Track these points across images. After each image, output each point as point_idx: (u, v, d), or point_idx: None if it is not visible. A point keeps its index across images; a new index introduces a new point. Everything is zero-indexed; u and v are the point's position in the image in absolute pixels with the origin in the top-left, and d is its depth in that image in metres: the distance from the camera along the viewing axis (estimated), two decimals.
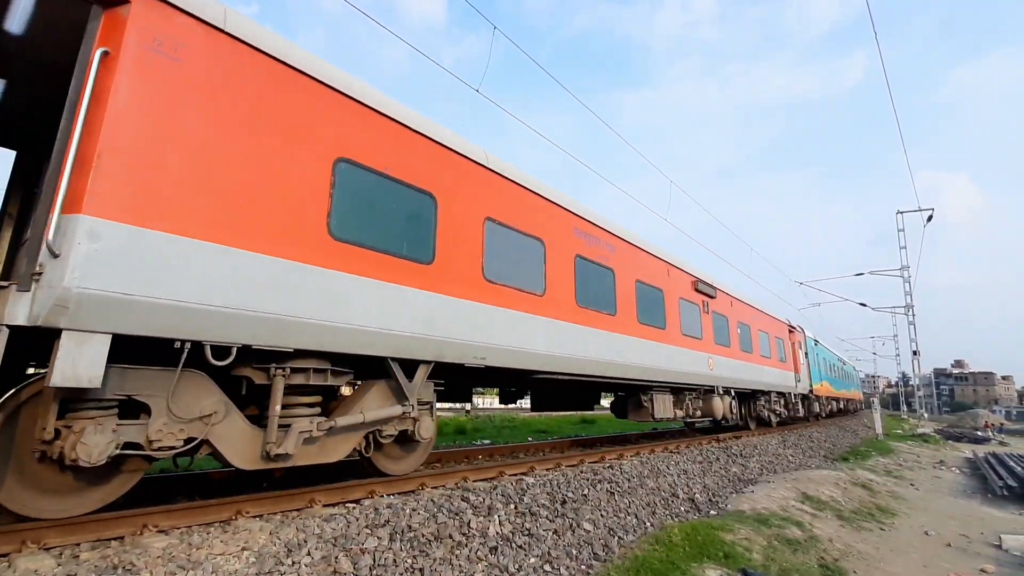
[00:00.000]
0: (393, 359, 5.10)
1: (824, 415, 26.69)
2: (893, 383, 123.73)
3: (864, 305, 35.36)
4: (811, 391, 21.96)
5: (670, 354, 10.50)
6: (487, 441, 13.28)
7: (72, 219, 3.22)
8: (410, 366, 5.42)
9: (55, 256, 3.14)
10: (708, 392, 12.40)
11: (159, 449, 3.75)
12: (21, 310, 3.07)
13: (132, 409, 3.72)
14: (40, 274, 3.12)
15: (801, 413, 20.44)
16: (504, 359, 6.31)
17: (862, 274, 32.95)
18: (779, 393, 17.96)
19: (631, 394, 10.52)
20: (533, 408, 10.28)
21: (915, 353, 29.54)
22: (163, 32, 3.73)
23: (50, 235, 3.13)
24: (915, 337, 29.74)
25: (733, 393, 13.91)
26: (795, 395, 19.65)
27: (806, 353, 22.01)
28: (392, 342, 5.05)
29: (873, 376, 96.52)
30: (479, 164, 6.50)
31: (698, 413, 12.07)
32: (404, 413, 5.34)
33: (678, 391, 11.45)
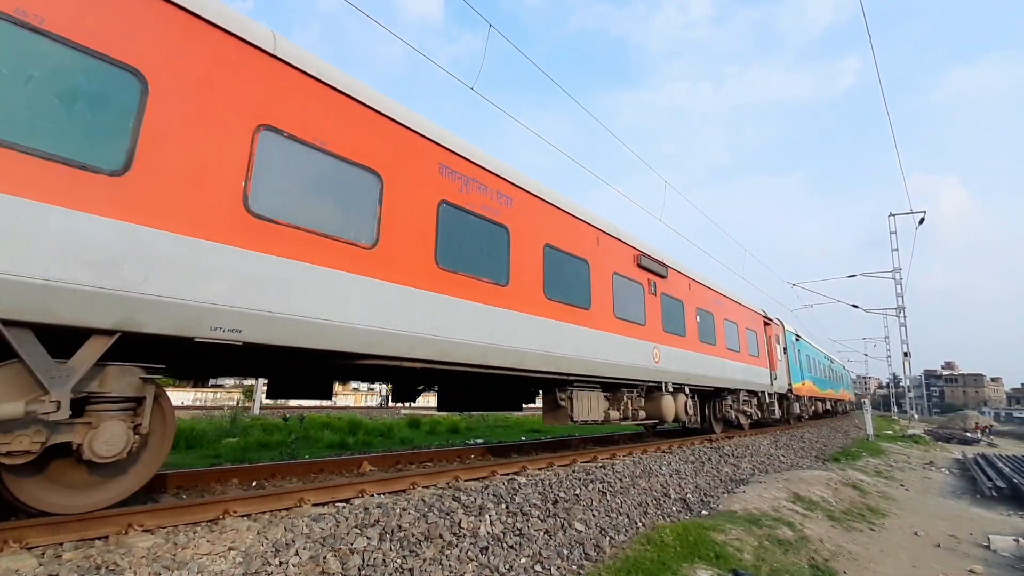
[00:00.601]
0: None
1: (807, 416, 24.69)
2: (884, 384, 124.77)
3: (856, 307, 35.60)
4: (790, 390, 20.06)
5: (596, 341, 8.44)
6: (479, 440, 13.25)
7: None
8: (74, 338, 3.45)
9: None
10: (655, 389, 10.37)
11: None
12: None
13: None
14: None
15: (777, 414, 18.35)
16: (285, 333, 4.33)
17: (854, 276, 33.19)
18: (750, 392, 15.97)
19: (548, 391, 8.40)
20: (440, 407, 8.62)
21: (906, 355, 29.76)
22: None
23: None
24: (906, 339, 29.95)
25: (688, 391, 11.91)
26: (770, 394, 17.72)
27: (785, 348, 20.02)
28: None
29: (864, 377, 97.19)
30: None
31: (641, 414, 10.00)
32: (32, 414, 3.21)
33: (613, 387, 9.39)
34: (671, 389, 10.76)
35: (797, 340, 22.77)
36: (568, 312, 7.93)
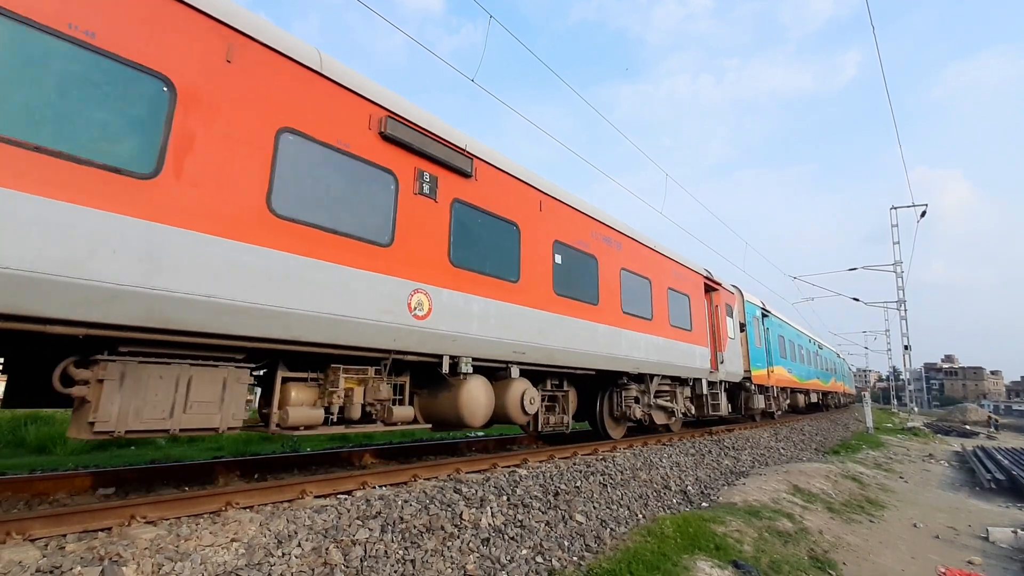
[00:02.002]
0: None
1: (780, 412, 19.58)
2: (884, 377, 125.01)
3: (857, 300, 35.55)
4: (748, 378, 15.15)
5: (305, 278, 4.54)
6: (480, 434, 13.29)
7: None
8: None
9: None
10: (434, 367, 5.94)
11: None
12: None
13: None
14: None
15: (725, 410, 12.85)
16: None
17: (855, 269, 33.12)
18: (674, 379, 11.09)
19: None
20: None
21: (906, 348, 29.77)
22: None
23: None
24: (906, 332, 29.95)
25: (552, 380, 8.06)
26: (712, 383, 12.62)
27: (742, 325, 15.34)
28: None
29: (864, 370, 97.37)
30: None
31: (401, 413, 5.45)
32: None
33: (314, 361, 5.07)
34: (516, 374, 6.81)
35: (765, 317, 17.90)
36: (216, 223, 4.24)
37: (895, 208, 30.72)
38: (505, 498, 5.20)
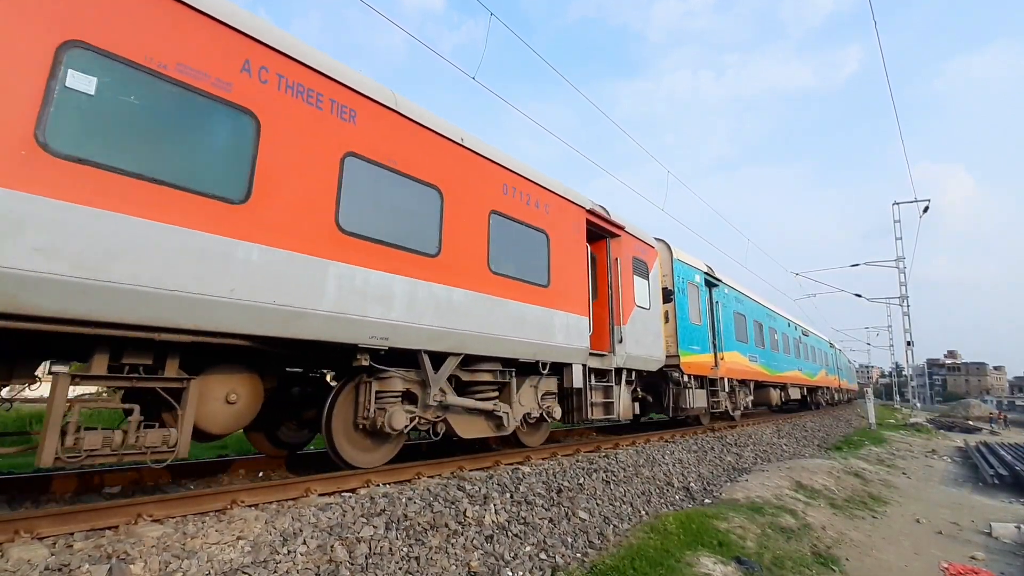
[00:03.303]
0: None
1: (740, 411, 14.95)
2: (887, 373, 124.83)
3: (859, 296, 35.50)
4: (678, 367, 11.01)
5: None
6: None
7: None
8: None
9: None
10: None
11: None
12: None
13: None
14: None
15: (622, 411, 8.85)
16: None
17: (857, 265, 33.04)
18: (506, 363, 6.96)
19: None
20: None
21: (909, 344, 29.72)
22: None
23: None
24: (909, 328, 29.90)
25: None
26: (612, 371, 8.73)
27: (668, 291, 11.22)
28: None
29: (867, 366, 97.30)
30: None
31: None
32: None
33: None
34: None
35: (713, 286, 13.65)
36: None
37: (897, 204, 30.64)
38: (508, 495, 5.22)
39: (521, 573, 4.17)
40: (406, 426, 5.64)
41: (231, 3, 4.35)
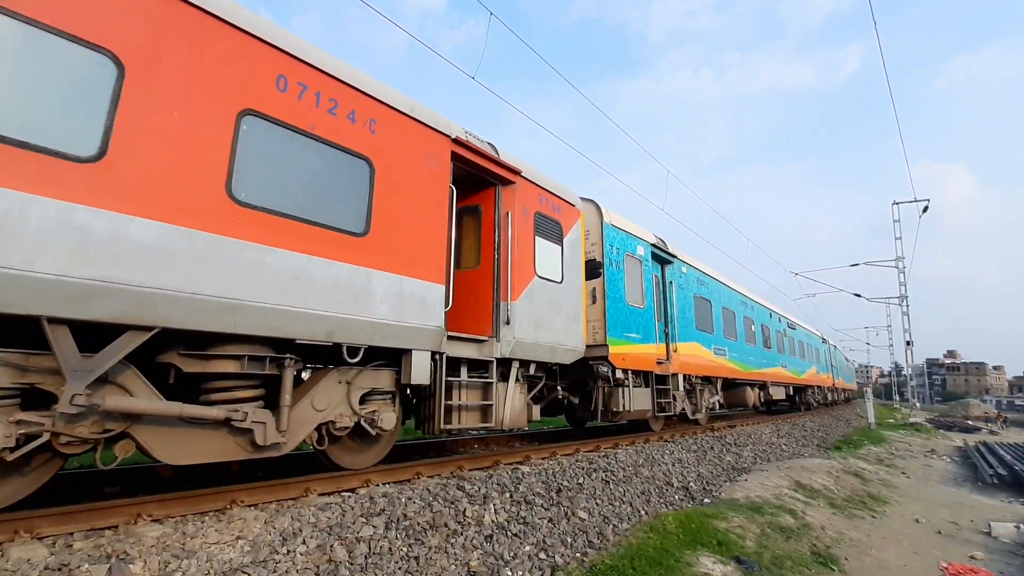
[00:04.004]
0: None
1: (703, 413, 12.51)
2: (886, 373, 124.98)
3: (859, 295, 35.54)
4: (606, 358, 8.62)
5: None
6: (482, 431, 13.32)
7: None
8: None
9: None
10: None
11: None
12: None
13: None
14: None
15: (504, 418, 6.57)
16: None
17: (857, 265, 33.07)
18: (290, 348, 4.60)
19: None
20: None
21: (908, 343, 29.75)
22: None
23: None
24: (908, 327, 29.92)
25: None
26: (492, 362, 6.45)
27: (595, 264, 9.05)
28: None
29: (867, 366, 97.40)
30: None
31: None
32: None
33: None
34: None
35: (666, 263, 11.25)
36: None
37: (896, 204, 30.66)
38: (508, 495, 5.22)
39: (521, 573, 4.18)
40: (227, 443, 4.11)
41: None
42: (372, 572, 3.61)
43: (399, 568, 3.75)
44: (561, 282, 7.65)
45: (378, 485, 5.18)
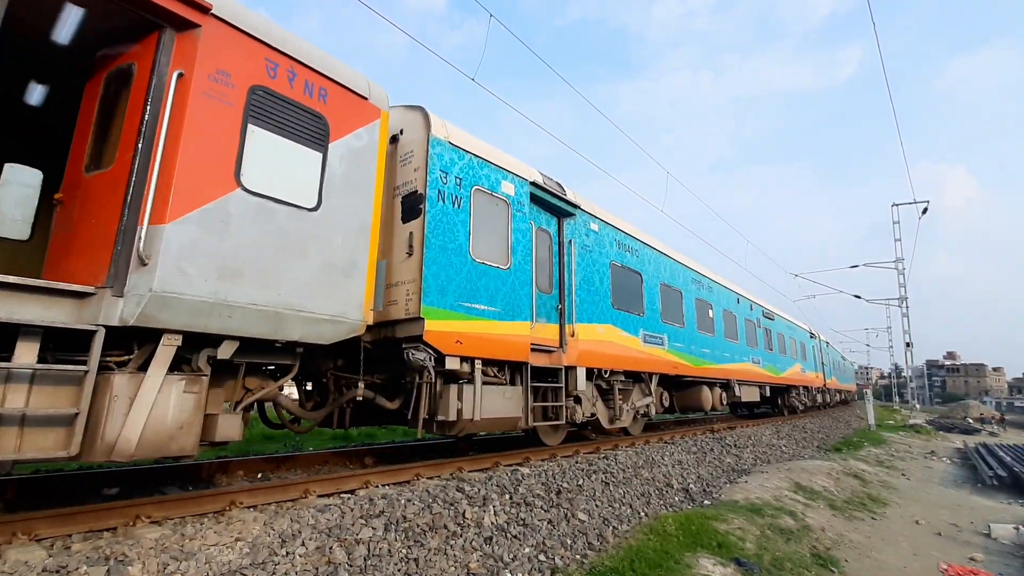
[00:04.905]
0: None
1: (620, 422, 9.16)
2: (886, 374, 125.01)
3: (859, 297, 35.56)
4: (420, 336, 5.62)
5: None
6: (482, 432, 13.29)
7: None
8: None
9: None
10: None
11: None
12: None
13: None
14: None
15: (169, 429, 3.81)
16: None
17: (857, 266, 33.10)
18: None
19: None
20: None
21: (908, 345, 29.76)
22: None
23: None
24: (908, 329, 29.93)
25: None
26: (94, 334, 3.46)
27: (418, 198, 6.11)
28: None
29: (867, 367, 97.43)
30: None
31: None
32: None
33: None
34: None
35: (565, 215, 8.46)
36: None
37: (896, 205, 30.71)
38: (508, 496, 5.22)
39: (520, 575, 4.17)
40: None
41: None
42: (371, 574, 3.60)
43: (398, 570, 3.74)
44: (315, 209, 4.77)
45: (377, 486, 5.17)
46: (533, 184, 7.63)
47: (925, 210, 28.69)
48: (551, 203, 8.04)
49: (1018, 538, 7.37)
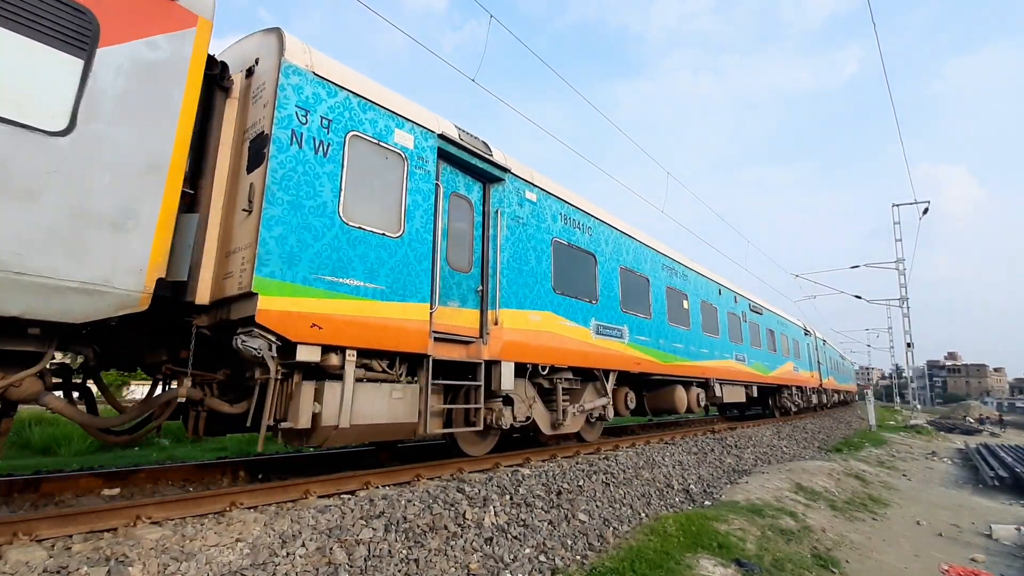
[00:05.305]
0: None
1: (566, 422, 7.89)
2: (887, 375, 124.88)
3: (859, 297, 35.50)
4: (252, 317, 4.27)
5: None
6: None
7: None
8: None
9: None
10: None
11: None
12: None
13: None
14: None
15: None
16: None
17: (857, 267, 33.07)
18: None
19: None
20: None
21: (909, 345, 29.73)
22: None
23: None
24: (909, 329, 29.91)
25: None
26: None
27: (262, 140, 4.68)
28: None
29: (867, 368, 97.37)
30: None
31: None
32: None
33: None
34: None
35: (492, 180, 6.99)
36: None
37: (896, 206, 30.69)
38: (508, 497, 5.22)
39: (521, 575, 4.17)
40: None
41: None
42: (372, 574, 3.60)
43: (399, 571, 3.74)
44: (63, 134, 3.49)
45: (378, 487, 5.17)
46: (443, 138, 6.24)
47: (926, 210, 28.68)
48: (472, 165, 6.66)
49: (1019, 539, 7.36)
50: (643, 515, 6.14)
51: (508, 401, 6.84)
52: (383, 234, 5.36)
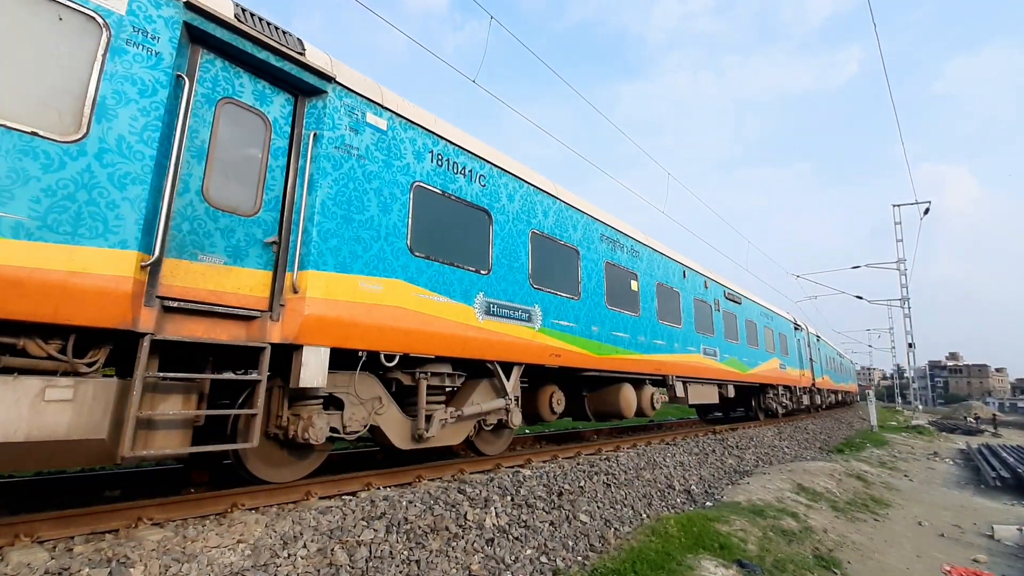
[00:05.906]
0: None
1: (445, 428, 6.09)
2: (888, 375, 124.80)
3: (860, 298, 35.46)
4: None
5: None
6: None
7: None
8: None
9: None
10: None
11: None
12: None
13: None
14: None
15: None
16: None
17: (858, 267, 33.03)
18: None
19: None
20: None
21: (910, 346, 29.70)
22: None
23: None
24: (910, 330, 29.88)
25: None
26: None
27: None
28: None
29: (869, 368, 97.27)
30: None
31: None
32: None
33: None
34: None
35: (300, 93, 4.87)
36: None
37: (897, 206, 30.65)
38: (509, 498, 5.21)
39: None
40: None
41: None
42: (373, 575, 3.60)
43: (400, 572, 3.74)
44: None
45: (379, 488, 5.17)
46: (196, 9, 4.09)
47: (927, 211, 28.65)
48: (268, 64, 4.60)
49: (1021, 539, 7.34)
50: (644, 516, 6.14)
51: (333, 402, 5.14)
52: (35, 134, 3.30)
